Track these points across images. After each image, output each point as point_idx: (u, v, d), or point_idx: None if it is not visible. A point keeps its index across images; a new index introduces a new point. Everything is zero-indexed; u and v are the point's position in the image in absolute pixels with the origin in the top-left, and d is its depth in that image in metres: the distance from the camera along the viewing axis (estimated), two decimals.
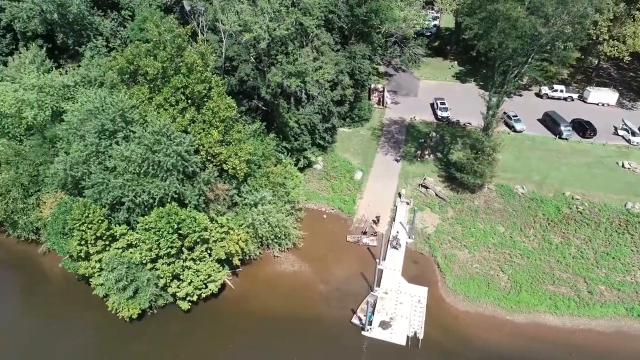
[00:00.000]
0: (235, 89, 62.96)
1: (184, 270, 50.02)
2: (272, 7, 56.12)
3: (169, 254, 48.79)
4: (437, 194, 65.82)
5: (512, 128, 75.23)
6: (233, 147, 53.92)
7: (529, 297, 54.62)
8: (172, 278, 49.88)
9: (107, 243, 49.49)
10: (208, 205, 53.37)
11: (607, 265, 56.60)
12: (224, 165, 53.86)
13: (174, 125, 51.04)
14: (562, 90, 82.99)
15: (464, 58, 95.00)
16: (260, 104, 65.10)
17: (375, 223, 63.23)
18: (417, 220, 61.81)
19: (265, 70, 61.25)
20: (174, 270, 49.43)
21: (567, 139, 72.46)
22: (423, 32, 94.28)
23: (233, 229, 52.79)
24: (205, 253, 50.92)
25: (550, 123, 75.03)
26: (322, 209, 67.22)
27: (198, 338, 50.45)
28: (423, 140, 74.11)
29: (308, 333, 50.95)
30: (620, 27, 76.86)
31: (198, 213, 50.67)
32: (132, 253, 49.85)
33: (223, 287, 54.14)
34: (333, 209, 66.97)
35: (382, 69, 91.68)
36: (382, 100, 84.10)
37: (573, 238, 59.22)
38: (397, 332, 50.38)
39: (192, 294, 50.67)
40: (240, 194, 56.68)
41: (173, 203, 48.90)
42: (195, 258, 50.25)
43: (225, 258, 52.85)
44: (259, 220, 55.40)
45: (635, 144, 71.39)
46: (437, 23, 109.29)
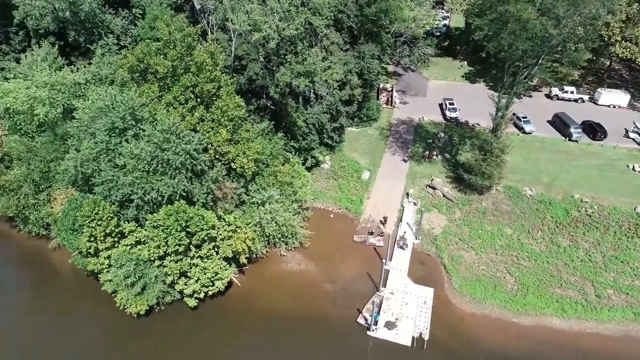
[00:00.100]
0: (244, 88, 63.20)
1: (192, 268, 50.44)
2: (281, 6, 56.19)
3: (177, 252, 49.19)
4: (444, 195, 65.62)
5: (521, 129, 74.73)
6: (241, 146, 54.22)
7: (536, 299, 54.31)
8: (179, 275, 50.30)
9: (116, 240, 50.03)
10: (216, 204, 53.76)
11: (615, 269, 56.09)
12: (232, 164, 54.16)
13: (183, 124, 51.40)
14: (572, 92, 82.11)
15: (474, 58, 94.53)
16: (269, 103, 65.32)
17: (383, 224, 63.20)
18: (424, 221, 61.71)
19: (274, 70, 61.43)
20: (182, 268, 49.85)
21: (577, 141, 71.83)
22: (433, 32, 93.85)
23: (240, 228, 53.08)
24: (213, 251, 51.23)
25: (560, 125, 74.38)
26: (329, 209, 67.35)
27: (205, 335, 50.81)
28: (431, 141, 73.88)
29: (314, 332, 51.12)
30: (633, 28, 75.99)
31: (206, 211, 51.06)
32: (140, 250, 50.37)
33: (230, 285, 54.48)
34: (340, 209, 67.08)
35: (391, 69, 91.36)
36: (390, 100, 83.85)
37: (581, 241, 58.79)
38: (402, 332, 50.41)
39: (199, 291, 51.06)
40: (248, 193, 57.00)
41: (181, 201, 49.30)
42: (203, 256, 50.60)
43: (232, 256, 53.12)
44: (266, 219, 55.68)
45: None
46: (447, 23, 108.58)
